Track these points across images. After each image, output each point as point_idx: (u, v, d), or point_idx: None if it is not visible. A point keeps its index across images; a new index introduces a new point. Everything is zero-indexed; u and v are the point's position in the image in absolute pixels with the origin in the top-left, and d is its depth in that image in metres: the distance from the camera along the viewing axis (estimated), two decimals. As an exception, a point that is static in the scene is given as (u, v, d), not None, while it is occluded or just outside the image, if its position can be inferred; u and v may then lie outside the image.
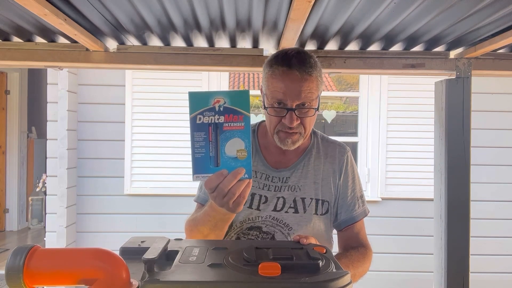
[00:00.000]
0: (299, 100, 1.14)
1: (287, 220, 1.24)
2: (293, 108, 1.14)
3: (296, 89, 1.14)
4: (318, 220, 1.26)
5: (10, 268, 0.65)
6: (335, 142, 1.39)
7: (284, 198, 1.25)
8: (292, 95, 1.14)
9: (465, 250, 1.75)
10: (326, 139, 1.39)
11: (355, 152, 4.01)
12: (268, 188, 1.26)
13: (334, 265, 0.80)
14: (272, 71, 1.17)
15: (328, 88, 4.63)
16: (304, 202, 1.26)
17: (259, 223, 1.24)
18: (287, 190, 1.26)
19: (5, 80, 5.60)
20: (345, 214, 1.30)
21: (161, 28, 1.57)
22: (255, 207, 1.25)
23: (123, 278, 0.67)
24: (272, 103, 1.17)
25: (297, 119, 1.15)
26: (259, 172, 1.28)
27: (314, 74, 1.16)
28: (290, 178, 1.27)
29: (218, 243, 0.94)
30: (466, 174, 1.76)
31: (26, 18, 1.46)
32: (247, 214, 1.25)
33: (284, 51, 1.21)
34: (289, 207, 1.25)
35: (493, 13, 1.36)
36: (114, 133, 3.73)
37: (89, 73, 3.70)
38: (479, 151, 3.58)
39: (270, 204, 1.25)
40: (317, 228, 1.26)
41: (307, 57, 1.18)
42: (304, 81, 1.14)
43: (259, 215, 1.24)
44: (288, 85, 1.14)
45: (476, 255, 2.64)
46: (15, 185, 5.66)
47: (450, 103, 1.77)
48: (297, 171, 1.28)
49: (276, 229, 1.24)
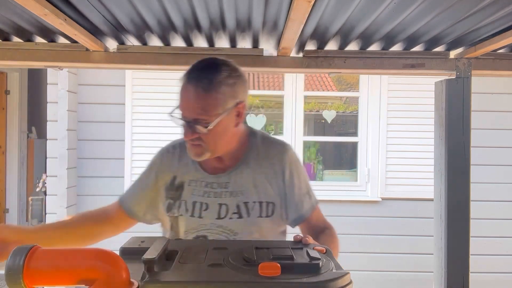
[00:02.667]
0: (192, 115, 1.14)
1: (232, 226, 1.22)
2: (188, 121, 1.14)
3: (190, 104, 1.14)
4: (263, 222, 1.24)
5: (10, 268, 0.65)
6: (276, 141, 1.35)
7: (227, 205, 1.23)
8: (186, 109, 1.15)
9: (465, 250, 1.75)
10: (266, 139, 1.34)
11: (355, 152, 4.01)
12: (208, 194, 1.24)
13: (334, 265, 0.80)
14: (180, 84, 1.19)
15: (328, 88, 4.63)
16: (247, 206, 1.23)
17: (204, 231, 1.22)
18: (228, 196, 1.24)
19: (5, 80, 5.59)
20: (295, 213, 1.28)
21: (161, 28, 1.57)
22: (197, 215, 1.23)
23: (123, 278, 0.67)
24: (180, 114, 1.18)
25: (192, 134, 1.15)
26: (198, 181, 1.25)
27: (214, 92, 1.13)
28: (229, 184, 1.25)
29: (218, 243, 0.94)
30: (466, 174, 1.76)
31: (26, 18, 1.46)
32: (190, 223, 1.23)
33: (197, 63, 1.20)
34: (232, 213, 1.22)
35: (493, 13, 1.36)
36: (114, 133, 3.73)
37: (89, 73, 3.70)
38: (479, 151, 3.58)
39: (213, 211, 1.23)
40: (262, 231, 1.24)
41: (213, 72, 1.15)
42: (198, 98, 1.13)
43: (202, 223, 1.22)
44: (184, 99, 1.16)
45: (476, 255, 2.64)
46: (15, 185, 5.65)
47: (450, 103, 1.77)
48: (236, 176, 1.25)
49: (222, 236, 1.22)
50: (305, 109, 3.97)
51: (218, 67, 1.17)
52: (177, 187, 1.27)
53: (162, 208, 1.29)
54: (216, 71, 1.16)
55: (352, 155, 4.15)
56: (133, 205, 1.32)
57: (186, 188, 1.26)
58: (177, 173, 1.28)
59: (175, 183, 1.27)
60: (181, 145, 1.31)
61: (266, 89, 4.64)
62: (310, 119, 4.52)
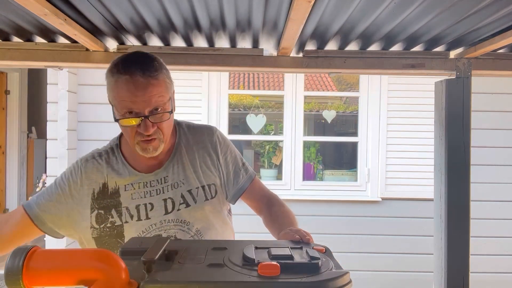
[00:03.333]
0: (150, 106, 1.10)
1: (182, 216, 1.21)
2: (146, 115, 1.10)
3: (145, 96, 1.08)
4: (209, 205, 1.26)
5: (9, 269, 0.65)
6: (201, 126, 1.37)
7: (172, 198, 1.22)
8: (142, 102, 1.09)
9: (465, 250, 1.75)
10: (192, 126, 1.36)
11: (355, 152, 4.01)
12: (150, 194, 1.22)
13: (333, 264, 0.80)
14: (115, 81, 1.11)
15: (328, 88, 4.63)
16: (192, 194, 1.24)
17: (156, 231, 1.20)
18: (170, 189, 1.23)
19: (5, 80, 5.60)
20: (234, 187, 1.32)
21: (161, 28, 1.57)
22: (143, 217, 1.20)
23: (123, 279, 0.67)
24: (123, 113, 1.12)
25: (153, 126, 1.11)
26: (135, 183, 1.22)
27: (161, 76, 1.12)
28: (168, 177, 1.24)
29: (217, 243, 0.94)
30: (466, 174, 1.76)
31: (26, 18, 1.46)
32: (138, 227, 1.19)
33: (124, 57, 1.15)
34: (179, 204, 1.22)
35: (493, 13, 1.36)
36: (114, 133, 3.71)
37: (89, 73, 3.70)
38: (479, 151, 3.58)
39: (159, 209, 1.21)
40: (212, 213, 1.26)
41: (150, 60, 1.13)
42: (150, 86, 1.09)
43: (152, 223, 1.20)
44: (135, 93, 1.08)
45: (476, 255, 2.64)
46: (15, 185, 5.66)
47: (450, 103, 1.77)
48: (173, 167, 1.25)
49: (176, 229, 1.21)
50: (305, 109, 3.97)
51: (148, 56, 1.16)
52: (111, 194, 1.21)
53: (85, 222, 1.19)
54: (151, 59, 1.15)
55: (352, 155, 4.15)
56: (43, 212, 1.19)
57: (123, 194, 1.21)
58: (108, 180, 1.22)
59: (107, 190, 1.21)
60: (106, 153, 1.29)
61: (266, 89, 4.64)
62: (310, 119, 4.52)
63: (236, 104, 4.38)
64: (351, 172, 4.08)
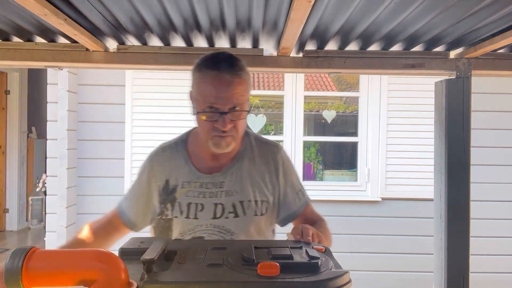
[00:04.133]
0: (231, 103, 1.14)
1: (228, 225, 1.23)
2: (226, 111, 1.14)
3: (228, 93, 1.14)
4: (258, 220, 1.26)
5: (9, 270, 0.65)
6: (268, 142, 1.39)
7: (223, 205, 1.24)
8: (224, 99, 1.14)
9: (465, 250, 1.75)
10: (259, 139, 1.37)
11: (355, 152, 4.01)
12: (203, 195, 1.24)
13: (333, 264, 0.80)
14: (202, 76, 1.17)
15: (328, 88, 4.63)
16: (243, 205, 1.24)
17: (200, 232, 1.23)
18: (224, 195, 1.24)
19: (5, 80, 5.60)
20: (286, 211, 1.32)
21: (161, 28, 1.57)
22: (192, 216, 1.23)
23: (122, 279, 0.67)
24: (204, 108, 1.16)
25: (230, 123, 1.15)
26: (192, 182, 1.26)
27: (244, 76, 1.17)
28: (224, 183, 1.25)
29: (217, 243, 0.94)
30: (466, 174, 1.76)
31: (26, 18, 1.46)
32: (185, 225, 1.23)
33: (213, 55, 1.22)
34: (228, 212, 1.23)
35: (493, 13, 1.36)
36: (114, 133, 3.73)
37: (89, 73, 3.70)
38: (479, 151, 3.58)
39: (208, 212, 1.23)
40: (258, 229, 1.27)
41: (236, 60, 1.19)
42: (234, 84, 1.14)
43: (198, 224, 1.23)
44: (220, 88, 1.14)
45: (476, 255, 2.64)
46: (15, 185, 5.66)
47: (450, 103, 1.77)
48: (231, 175, 1.27)
49: (218, 236, 1.22)
50: (305, 109, 3.97)
51: (233, 56, 1.21)
52: (171, 190, 1.26)
53: (153, 213, 1.29)
54: (237, 59, 1.20)
55: (352, 155, 4.15)
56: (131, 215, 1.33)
57: (180, 190, 1.25)
58: (170, 176, 1.28)
59: (169, 187, 1.27)
60: (171, 147, 1.32)
61: (266, 89, 4.64)
62: (310, 119, 4.52)
63: (236, 104, 4.37)
64: (351, 172, 4.08)
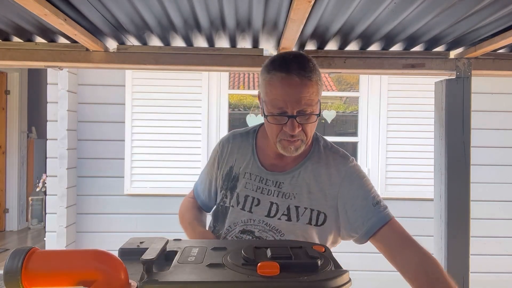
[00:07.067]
0: (300, 106, 1.09)
1: (280, 226, 1.20)
2: (294, 115, 1.10)
3: (296, 96, 1.08)
4: (312, 230, 1.20)
5: (8, 271, 0.65)
6: (338, 152, 1.30)
7: (278, 205, 1.21)
8: (293, 102, 1.09)
9: (465, 250, 1.75)
10: (329, 147, 1.30)
11: (355, 152, 4.01)
12: (261, 190, 1.23)
13: (332, 263, 0.79)
14: (270, 77, 1.12)
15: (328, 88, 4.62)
16: (298, 211, 1.20)
17: (252, 226, 1.22)
18: (281, 196, 1.22)
19: (5, 80, 5.59)
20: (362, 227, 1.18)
21: (161, 28, 1.57)
22: (247, 209, 1.23)
23: (122, 279, 0.67)
24: (272, 111, 1.12)
25: (298, 126, 1.11)
26: (253, 174, 1.25)
27: (314, 78, 1.11)
28: (284, 184, 1.22)
29: (217, 243, 0.93)
30: (466, 174, 1.76)
31: (26, 18, 1.46)
32: (239, 216, 1.23)
33: (282, 55, 1.17)
34: (282, 214, 1.20)
35: (493, 13, 1.35)
36: (114, 133, 3.73)
37: (89, 73, 3.70)
38: (479, 151, 3.58)
39: (263, 208, 1.22)
40: (309, 238, 1.20)
41: (306, 61, 1.13)
42: (304, 86, 1.09)
43: (251, 218, 1.22)
44: (288, 91, 1.09)
45: (476, 255, 2.64)
46: (15, 185, 5.65)
47: (450, 103, 1.77)
48: (292, 178, 1.23)
49: (269, 234, 1.20)
50: (305, 109, 3.96)
51: (304, 56, 1.16)
52: (233, 177, 1.28)
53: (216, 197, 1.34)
54: (307, 59, 1.15)
55: (352, 155, 4.10)
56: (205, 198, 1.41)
57: (241, 180, 1.26)
58: (235, 163, 1.29)
59: (232, 174, 1.29)
60: (241, 136, 1.33)
61: (266, 89, 4.63)
62: (310, 119, 4.51)
63: (236, 104, 4.37)
64: (351, 172, 4.07)
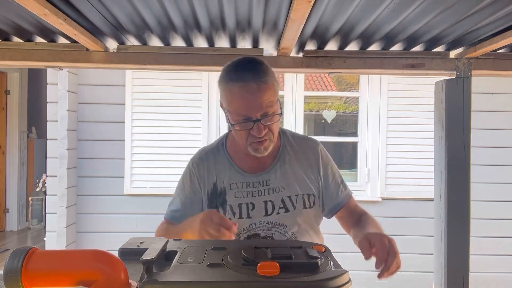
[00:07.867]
0: (262, 110, 1.17)
1: (280, 220, 1.28)
2: (259, 118, 1.17)
3: (257, 101, 1.16)
4: (307, 213, 1.31)
5: (8, 271, 0.65)
6: (306, 137, 1.43)
7: (272, 201, 1.28)
8: (255, 107, 1.16)
9: (465, 250, 1.75)
10: (296, 136, 1.41)
11: (355, 152, 4.01)
12: (252, 194, 1.28)
13: (332, 263, 0.79)
14: (230, 88, 1.19)
15: (328, 88, 4.63)
16: (291, 200, 1.29)
17: (255, 230, 1.27)
18: (271, 193, 1.29)
19: (5, 80, 5.60)
20: (331, 202, 1.36)
21: (161, 28, 1.57)
22: (245, 216, 1.27)
23: (122, 279, 0.67)
24: (238, 118, 1.19)
25: (264, 128, 1.19)
26: (239, 182, 1.30)
27: (270, 81, 1.18)
28: (270, 181, 1.30)
29: (217, 243, 0.93)
30: (466, 174, 1.76)
31: (26, 18, 1.46)
32: (240, 225, 1.26)
33: (235, 64, 1.23)
34: (279, 208, 1.28)
35: (493, 13, 1.35)
36: (114, 133, 3.73)
37: (89, 73, 3.70)
38: (479, 151, 3.58)
39: (259, 210, 1.27)
40: (308, 221, 1.31)
41: (258, 65, 1.20)
42: (262, 91, 1.16)
43: (252, 223, 1.27)
44: (249, 98, 1.16)
45: (476, 255, 2.64)
46: (15, 185, 5.65)
47: (450, 103, 1.77)
48: (275, 172, 1.31)
49: (273, 231, 1.27)
50: (305, 109, 3.97)
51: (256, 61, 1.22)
52: (220, 193, 1.30)
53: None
54: (259, 63, 1.21)
55: (352, 155, 4.15)
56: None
57: (229, 192, 1.29)
58: (217, 179, 1.31)
59: (217, 190, 1.30)
60: (213, 152, 1.36)
61: (266, 89, 4.63)
62: (310, 119, 4.52)
63: (236, 104, 4.37)
64: (351, 172, 4.07)
